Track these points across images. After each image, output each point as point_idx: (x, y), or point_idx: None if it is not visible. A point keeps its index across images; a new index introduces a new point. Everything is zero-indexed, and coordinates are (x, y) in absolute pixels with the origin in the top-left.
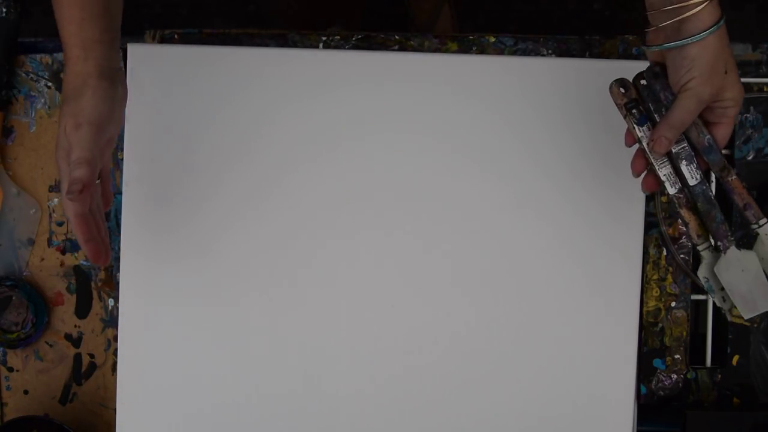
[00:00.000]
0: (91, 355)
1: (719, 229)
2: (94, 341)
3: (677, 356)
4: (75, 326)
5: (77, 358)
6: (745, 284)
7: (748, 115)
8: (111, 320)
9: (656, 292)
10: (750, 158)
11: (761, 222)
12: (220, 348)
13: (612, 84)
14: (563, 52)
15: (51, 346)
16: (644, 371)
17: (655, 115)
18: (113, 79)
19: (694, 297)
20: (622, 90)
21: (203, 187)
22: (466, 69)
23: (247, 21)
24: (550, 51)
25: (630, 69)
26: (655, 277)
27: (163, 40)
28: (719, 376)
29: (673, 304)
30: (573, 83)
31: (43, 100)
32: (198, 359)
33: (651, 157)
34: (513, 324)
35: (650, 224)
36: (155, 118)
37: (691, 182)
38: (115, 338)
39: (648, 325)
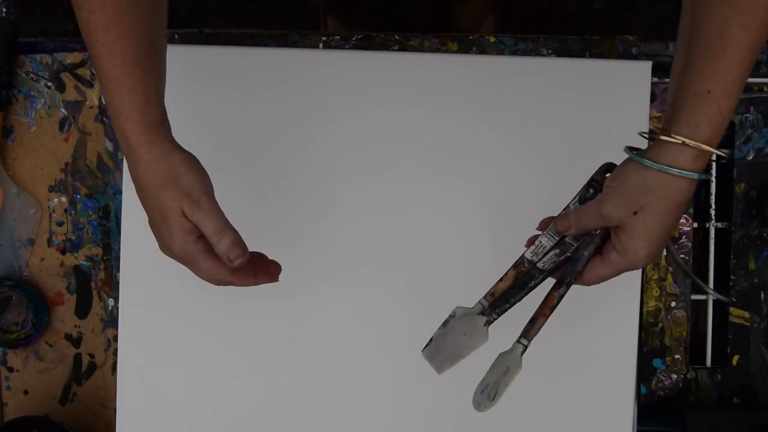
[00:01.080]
0: (91, 355)
1: (500, 303)
2: (94, 341)
3: (677, 356)
4: (75, 326)
5: (77, 358)
6: (452, 339)
7: (748, 115)
8: (111, 320)
9: (656, 292)
10: (750, 158)
11: (522, 340)
12: (220, 348)
13: (603, 165)
14: (563, 52)
15: (51, 346)
16: (644, 371)
17: None
18: (173, 139)
19: (694, 297)
20: (606, 174)
21: None
22: (466, 69)
23: (247, 21)
24: (550, 51)
25: (630, 69)
26: (655, 277)
27: None
28: (719, 376)
29: (673, 304)
30: (573, 83)
31: (43, 100)
32: (198, 359)
33: (550, 226)
34: (513, 324)
35: None
36: None
37: (539, 264)
38: (115, 338)
39: (648, 325)
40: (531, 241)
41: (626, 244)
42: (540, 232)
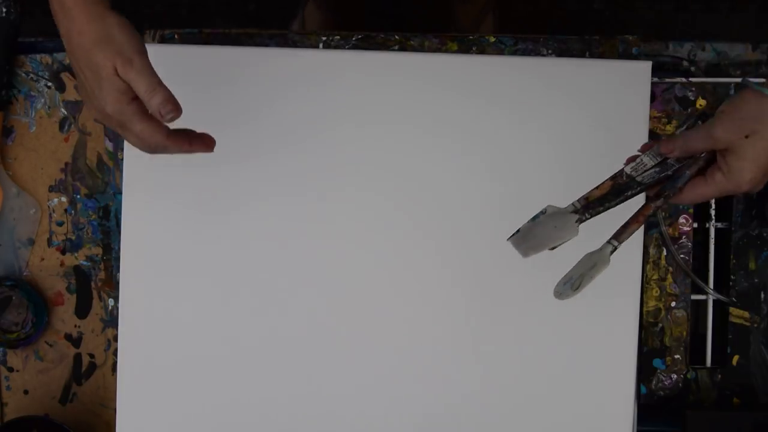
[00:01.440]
0: (91, 355)
1: (594, 205)
2: (94, 341)
3: (677, 356)
4: (75, 326)
5: (77, 358)
6: (541, 230)
7: None
8: (111, 320)
9: (656, 292)
10: None
11: (613, 241)
12: (220, 348)
13: None
14: (563, 52)
15: (51, 346)
16: (644, 371)
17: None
18: (108, 4)
19: (694, 297)
20: None
21: (203, 186)
22: (466, 69)
23: (247, 21)
24: (550, 51)
25: (630, 69)
26: (655, 277)
27: (163, 40)
28: (719, 376)
29: (673, 304)
30: (573, 83)
31: (43, 100)
32: (198, 359)
33: (654, 147)
34: (512, 324)
35: (650, 224)
36: None
37: (638, 178)
38: (115, 338)
39: (648, 325)
40: (632, 159)
41: (733, 166)
42: (641, 153)
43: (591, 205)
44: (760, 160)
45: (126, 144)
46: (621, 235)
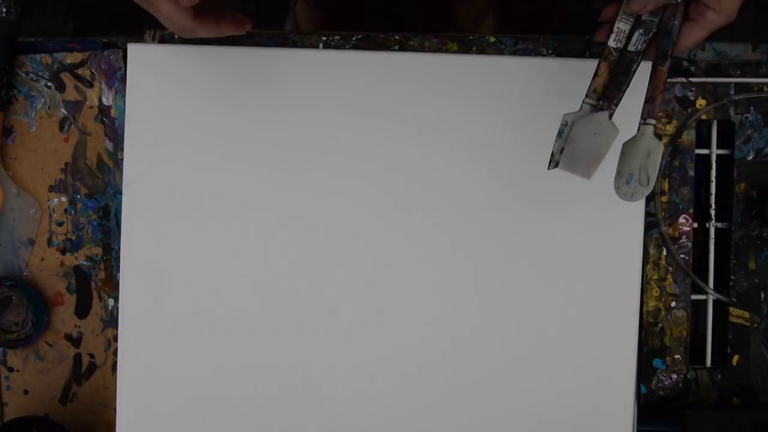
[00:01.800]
0: (91, 355)
1: (612, 94)
2: (94, 341)
3: (677, 356)
4: (75, 326)
5: (77, 358)
6: (584, 144)
7: (748, 115)
8: (111, 320)
9: (656, 292)
10: (750, 158)
11: (648, 120)
12: (221, 348)
13: None
14: (563, 52)
15: (51, 346)
16: (644, 371)
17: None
18: None
19: (694, 297)
20: None
21: (203, 187)
22: (466, 69)
23: None
24: (550, 51)
25: None
26: (655, 277)
27: (163, 40)
28: (719, 376)
29: (673, 304)
30: (573, 83)
31: (43, 100)
32: (198, 359)
33: (621, 10)
34: (512, 324)
35: (650, 224)
36: (155, 118)
37: (630, 48)
38: (115, 338)
39: (648, 325)
40: (605, 33)
41: (723, 1)
42: (607, 22)
43: (608, 95)
44: None
45: (126, 144)
46: (653, 111)
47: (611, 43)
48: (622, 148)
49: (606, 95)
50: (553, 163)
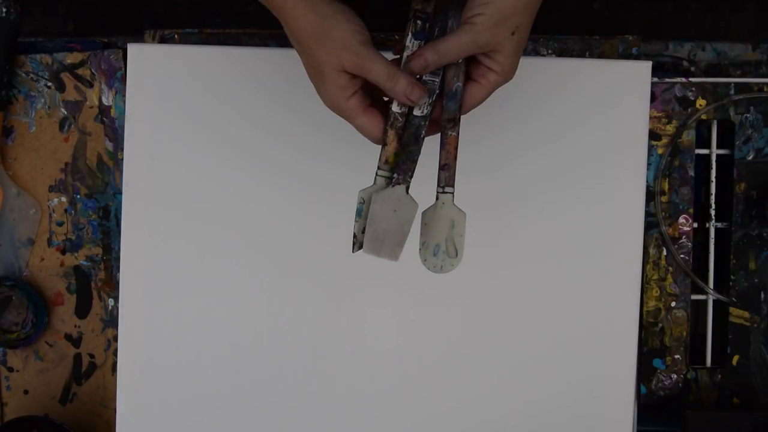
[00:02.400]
0: (91, 355)
1: (405, 165)
2: (94, 341)
3: (677, 356)
4: (75, 326)
5: (77, 358)
6: (386, 224)
7: (748, 115)
8: (111, 320)
9: (656, 292)
10: (750, 158)
11: (447, 189)
12: (221, 348)
13: None
14: (563, 52)
15: (51, 346)
16: (644, 371)
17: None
18: None
19: (694, 297)
20: (425, 3)
21: (203, 186)
22: None
23: (247, 21)
24: (550, 51)
25: (630, 69)
26: (655, 277)
27: (163, 40)
28: (719, 376)
29: (673, 304)
30: (573, 83)
31: (43, 100)
32: (198, 359)
33: (403, 66)
34: (513, 324)
35: (650, 224)
36: (155, 118)
37: (416, 112)
38: (115, 338)
39: (648, 325)
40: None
41: (505, 64)
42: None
43: (402, 166)
44: (521, 48)
45: (126, 144)
46: (450, 179)
47: (395, 108)
48: (422, 217)
49: (399, 167)
50: (357, 245)
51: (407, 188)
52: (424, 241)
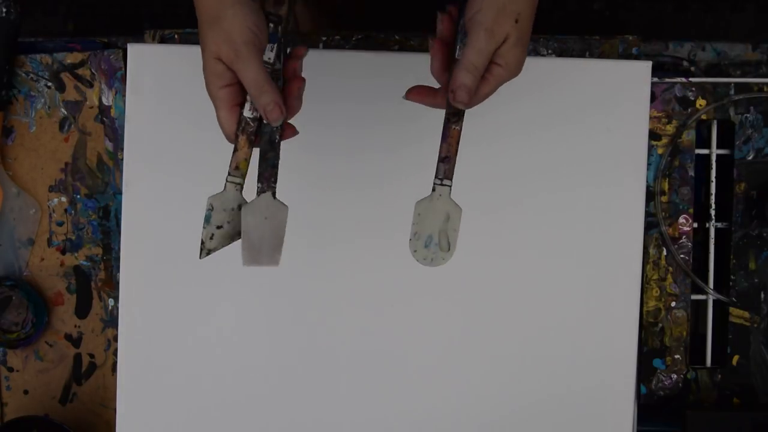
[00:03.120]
0: (91, 355)
1: (267, 172)
2: (94, 341)
3: (677, 356)
4: (75, 326)
5: (77, 358)
6: (259, 232)
7: (748, 115)
8: (111, 320)
9: (656, 292)
10: (750, 158)
11: (445, 182)
12: (221, 348)
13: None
14: (563, 52)
15: (51, 346)
16: (644, 371)
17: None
18: None
19: (694, 297)
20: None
21: (203, 186)
22: None
23: None
24: (550, 51)
25: (630, 69)
26: (655, 277)
27: (163, 40)
28: (719, 376)
29: (673, 304)
30: (573, 83)
31: (43, 100)
32: (198, 359)
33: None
34: (513, 324)
35: (650, 224)
36: (155, 118)
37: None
38: (115, 338)
39: (648, 325)
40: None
41: (509, 57)
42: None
43: (263, 174)
44: (526, 39)
45: (126, 144)
46: (449, 171)
47: (246, 112)
48: (416, 207)
49: (262, 175)
50: (204, 251)
51: (273, 194)
52: (415, 232)
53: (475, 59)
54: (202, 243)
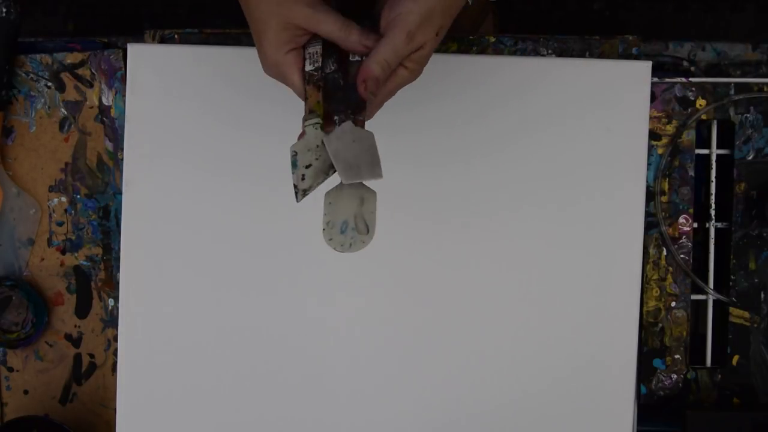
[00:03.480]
0: (91, 355)
1: (341, 107)
2: (94, 341)
3: (677, 356)
4: (75, 326)
5: (77, 358)
6: (352, 152)
7: (748, 115)
8: (111, 320)
9: (656, 292)
10: (750, 158)
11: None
12: (221, 348)
13: None
14: (563, 52)
15: (51, 346)
16: (644, 371)
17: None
18: None
19: (694, 297)
20: None
21: (203, 186)
22: (466, 69)
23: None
24: (550, 51)
25: (630, 69)
26: (655, 277)
27: (163, 40)
28: (719, 376)
29: (673, 304)
30: (573, 83)
31: (43, 100)
32: (198, 359)
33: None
34: (513, 324)
35: (650, 224)
36: (155, 118)
37: (327, 70)
38: (115, 338)
39: (648, 325)
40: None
41: (417, 64)
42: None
43: (337, 108)
44: (433, 51)
45: (126, 144)
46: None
47: (308, 67)
48: (326, 197)
49: (336, 110)
50: (300, 193)
51: (355, 121)
52: (328, 221)
53: (389, 56)
54: (295, 186)
